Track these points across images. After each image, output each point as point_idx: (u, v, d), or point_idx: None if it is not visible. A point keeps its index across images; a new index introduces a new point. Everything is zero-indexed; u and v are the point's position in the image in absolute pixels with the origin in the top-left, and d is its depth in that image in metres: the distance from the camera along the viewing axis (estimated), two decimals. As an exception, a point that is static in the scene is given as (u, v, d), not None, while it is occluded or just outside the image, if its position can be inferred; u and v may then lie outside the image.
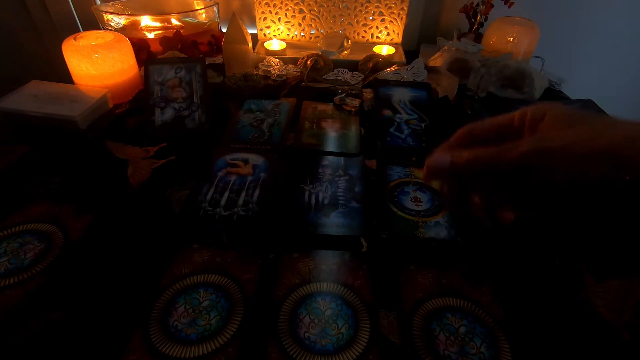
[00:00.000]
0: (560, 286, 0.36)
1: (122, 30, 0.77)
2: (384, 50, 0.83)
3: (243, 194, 0.45)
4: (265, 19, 0.84)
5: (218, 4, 0.83)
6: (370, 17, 0.84)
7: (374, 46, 0.85)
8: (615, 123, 0.20)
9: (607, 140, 0.19)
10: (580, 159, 0.19)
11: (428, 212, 0.43)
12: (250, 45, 0.72)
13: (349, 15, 0.84)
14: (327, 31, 0.86)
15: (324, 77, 0.74)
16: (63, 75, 0.63)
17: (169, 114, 0.57)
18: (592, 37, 1.07)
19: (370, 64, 0.74)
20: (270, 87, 0.68)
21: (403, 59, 0.80)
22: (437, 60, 0.77)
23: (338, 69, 0.76)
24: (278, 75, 0.73)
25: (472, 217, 0.27)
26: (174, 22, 0.80)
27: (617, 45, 1.09)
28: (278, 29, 0.86)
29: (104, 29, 0.75)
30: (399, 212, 0.43)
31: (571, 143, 0.20)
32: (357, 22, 0.85)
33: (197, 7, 0.85)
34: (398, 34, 0.86)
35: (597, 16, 1.03)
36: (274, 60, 0.76)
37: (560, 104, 0.23)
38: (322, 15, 0.84)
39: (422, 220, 0.42)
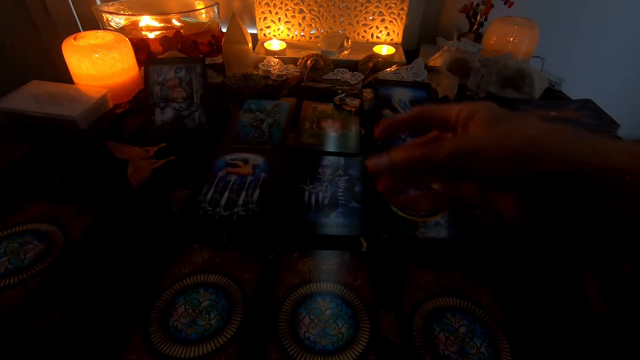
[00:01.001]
0: (560, 286, 0.36)
1: (122, 30, 0.77)
2: (384, 50, 0.83)
3: (243, 194, 0.45)
4: (265, 19, 0.84)
5: (218, 4, 0.83)
6: (370, 17, 0.84)
7: (374, 46, 0.85)
8: (529, 123, 0.22)
9: (512, 142, 0.21)
10: (491, 160, 0.21)
11: (428, 212, 0.43)
12: (250, 45, 0.72)
13: (349, 15, 0.84)
14: (327, 31, 0.86)
15: (324, 77, 0.74)
16: (63, 75, 0.63)
17: (169, 114, 0.57)
18: (592, 37, 1.07)
19: (370, 64, 0.74)
20: (270, 87, 0.68)
21: (403, 59, 0.80)
22: (437, 60, 0.77)
23: (338, 69, 0.76)
24: (278, 75, 0.73)
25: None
26: (174, 22, 0.80)
27: (617, 45, 1.09)
28: (278, 29, 0.86)
29: (104, 29, 0.75)
30: (399, 212, 0.43)
31: (483, 144, 0.22)
32: (357, 22, 0.85)
33: (197, 7, 0.85)
34: (398, 34, 0.86)
35: (597, 16, 1.03)
36: (274, 60, 0.76)
37: (491, 103, 0.25)
38: (322, 15, 0.84)
39: (422, 220, 0.42)
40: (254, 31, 0.87)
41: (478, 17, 0.84)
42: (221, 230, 0.40)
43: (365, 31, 0.86)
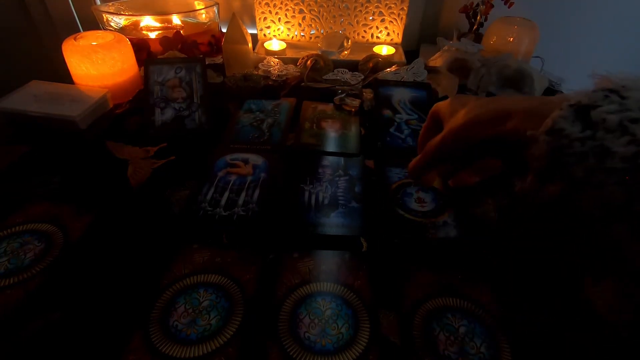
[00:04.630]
0: (560, 286, 0.36)
1: (122, 30, 0.77)
2: (384, 50, 0.83)
3: (243, 194, 0.45)
4: (265, 19, 0.84)
5: (218, 4, 0.83)
6: (370, 17, 0.84)
7: (374, 46, 0.85)
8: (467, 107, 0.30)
9: (472, 113, 0.29)
10: (462, 135, 0.29)
11: (434, 212, 0.43)
12: (250, 45, 0.72)
13: (349, 15, 0.84)
14: (327, 31, 0.86)
15: (324, 77, 0.74)
16: (63, 75, 0.63)
17: (169, 114, 0.57)
18: (592, 37, 1.07)
19: (370, 64, 0.74)
20: (270, 87, 0.68)
21: (403, 59, 0.80)
22: (437, 60, 0.77)
23: (338, 69, 0.76)
24: (278, 75, 0.73)
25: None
26: (175, 22, 0.80)
27: (617, 45, 1.09)
28: (278, 29, 0.86)
29: (104, 29, 0.75)
30: (406, 215, 0.43)
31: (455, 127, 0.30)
32: (357, 22, 0.85)
33: (197, 7, 0.85)
34: (398, 34, 0.86)
35: (597, 16, 1.03)
36: (274, 60, 0.76)
37: (450, 101, 0.33)
38: (322, 15, 0.84)
39: (430, 221, 0.42)
40: (254, 31, 0.87)
41: (478, 17, 0.84)
42: (221, 230, 0.40)
43: (365, 31, 0.86)
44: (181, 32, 0.76)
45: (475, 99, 0.31)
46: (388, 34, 0.86)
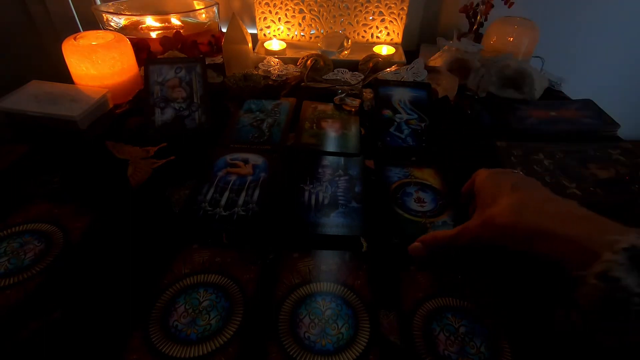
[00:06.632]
0: (560, 286, 0.36)
1: (122, 30, 0.77)
2: (384, 50, 0.83)
3: (243, 194, 0.45)
4: (265, 19, 0.84)
5: (218, 4, 0.83)
6: (370, 17, 0.84)
7: (374, 46, 0.85)
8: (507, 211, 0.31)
9: (507, 220, 0.30)
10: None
11: (433, 212, 0.43)
12: (250, 45, 0.72)
13: (349, 15, 0.84)
14: (327, 31, 0.86)
15: (324, 77, 0.74)
16: (63, 75, 0.63)
17: (169, 114, 0.57)
18: (592, 37, 1.07)
19: (370, 64, 0.74)
20: (270, 87, 0.68)
21: (403, 59, 0.80)
22: (437, 60, 0.77)
23: (338, 69, 0.76)
24: (278, 75, 0.73)
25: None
26: (174, 22, 0.80)
27: (617, 45, 1.09)
28: (278, 29, 0.86)
29: (104, 29, 0.75)
30: (406, 215, 0.43)
31: (476, 234, 0.33)
32: (357, 22, 0.85)
33: (197, 7, 0.85)
34: (398, 34, 0.86)
35: (597, 16, 1.03)
36: (274, 60, 0.76)
37: (492, 174, 0.36)
38: (322, 15, 0.84)
39: (429, 220, 0.42)
40: (254, 31, 0.87)
41: (478, 17, 0.84)
42: (221, 230, 0.40)
43: (365, 31, 0.86)
44: (181, 32, 0.76)
45: (512, 190, 0.31)
46: (388, 34, 0.86)
